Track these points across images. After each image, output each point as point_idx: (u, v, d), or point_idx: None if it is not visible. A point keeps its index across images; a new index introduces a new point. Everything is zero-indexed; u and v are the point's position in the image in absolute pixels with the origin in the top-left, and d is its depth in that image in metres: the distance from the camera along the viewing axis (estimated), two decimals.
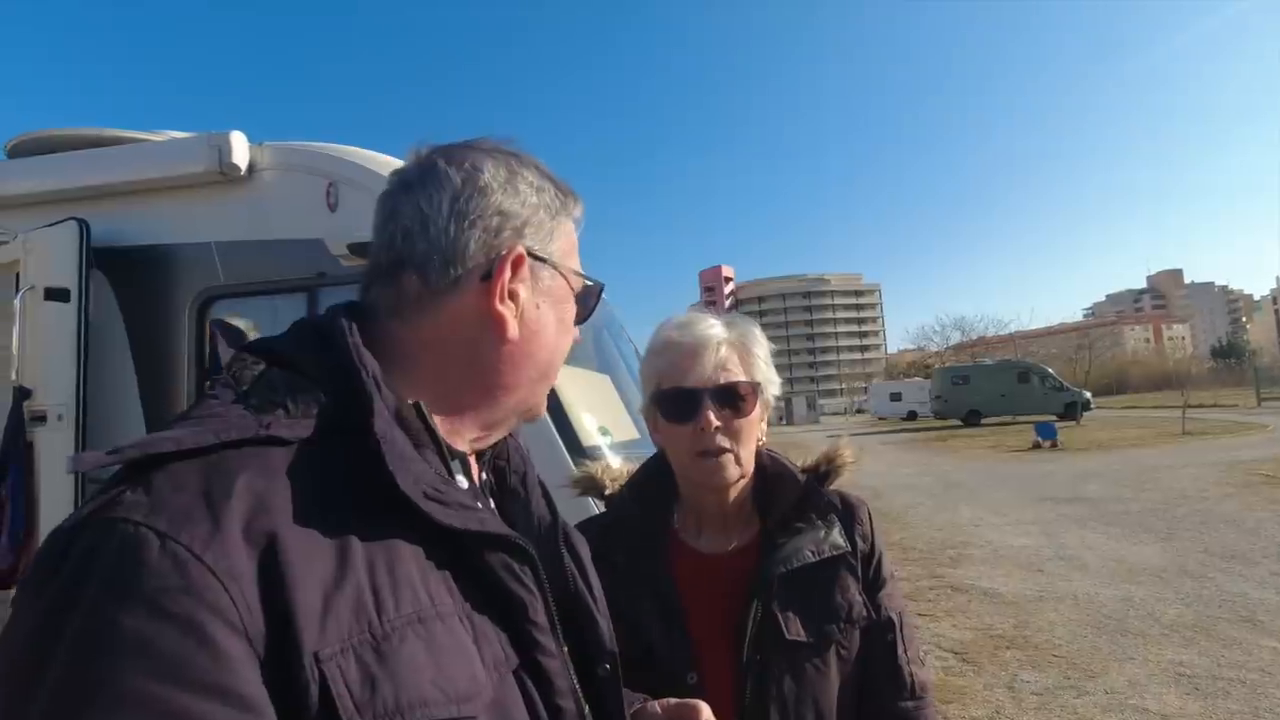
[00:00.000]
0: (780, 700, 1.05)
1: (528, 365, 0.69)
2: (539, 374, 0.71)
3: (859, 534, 1.18)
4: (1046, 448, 18.36)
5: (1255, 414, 25.99)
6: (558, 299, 0.71)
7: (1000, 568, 6.92)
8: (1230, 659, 4.38)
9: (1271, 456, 13.19)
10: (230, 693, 0.43)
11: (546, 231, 0.70)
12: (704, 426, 1.10)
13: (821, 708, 1.07)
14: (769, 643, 1.07)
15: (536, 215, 0.69)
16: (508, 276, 0.65)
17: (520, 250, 0.66)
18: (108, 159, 3.18)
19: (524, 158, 0.71)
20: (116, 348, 3.06)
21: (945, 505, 10.83)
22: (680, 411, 1.12)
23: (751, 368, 1.15)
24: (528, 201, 0.69)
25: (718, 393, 1.11)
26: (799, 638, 1.08)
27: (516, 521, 0.73)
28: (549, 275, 0.70)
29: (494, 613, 0.60)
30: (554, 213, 0.71)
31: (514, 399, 0.70)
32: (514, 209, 0.67)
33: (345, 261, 2.74)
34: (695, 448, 1.11)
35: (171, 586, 0.43)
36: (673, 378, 1.13)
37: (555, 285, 0.71)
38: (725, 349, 1.13)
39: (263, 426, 0.53)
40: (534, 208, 0.69)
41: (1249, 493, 9.84)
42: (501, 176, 0.67)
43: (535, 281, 0.69)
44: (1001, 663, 4.60)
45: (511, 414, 0.71)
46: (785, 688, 1.06)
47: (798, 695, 1.06)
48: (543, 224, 0.69)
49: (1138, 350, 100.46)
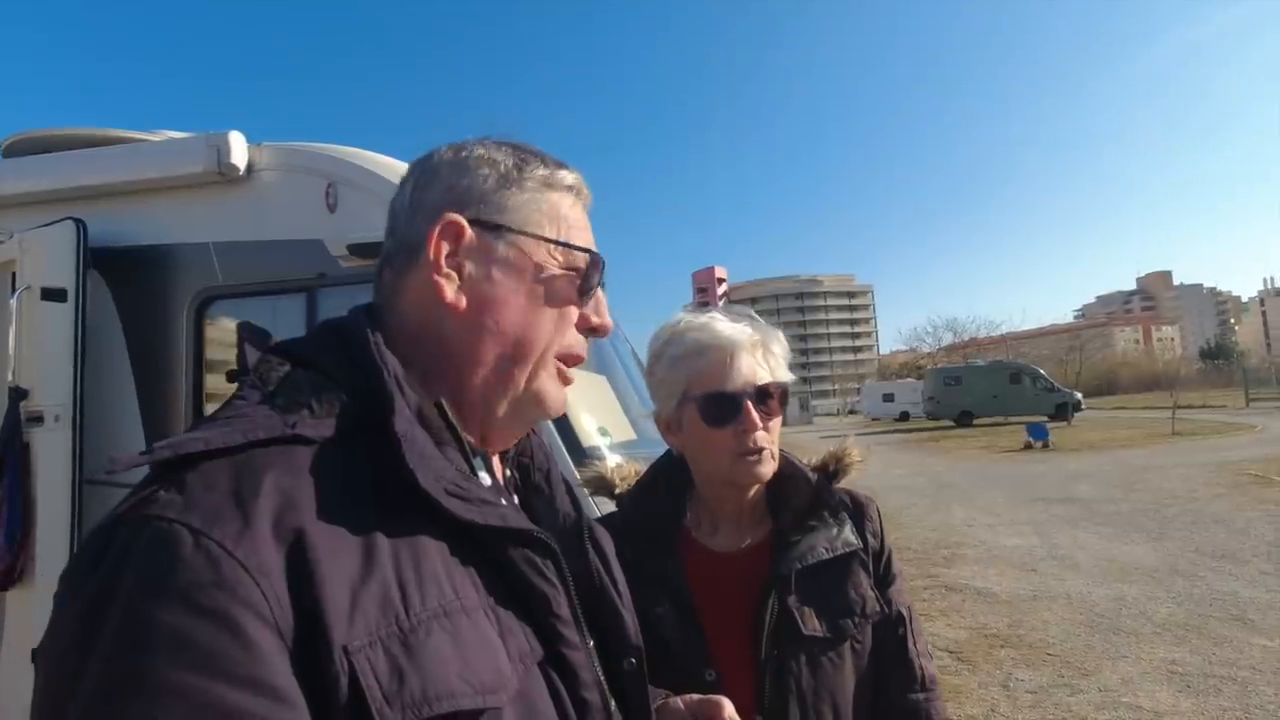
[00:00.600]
0: (799, 694, 1.07)
1: (488, 339, 0.66)
2: (508, 351, 0.67)
3: (869, 531, 1.21)
4: (1038, 448, 18.46)
5: (1243, 414, 26.21)
6: (522, 269, 0.67)
7: (994, 567, 6.97)
8: (1221, 657, 4.42)
9: (1260, 457, 13.30)
10: (263, 684, 0.44)
11: (497, 201, 0.67)
12: (748, 428, 1.13)
13: (838, 701, 1.10)
14: (786, 638, 1.09)
15: (484, 185, 0.68)
16: (445, 247, 0.65)
17: (452, 217, 0.65)
18: (105, 158, 3.16)
19: (488, 139, 0.71)
20: (114, 348, 3.04)
21: (939, 505, 10.89)
22: (722, 414, 1.14)
23: (777, 367, 1.18)
24: (475, 173, 0.68)
25: (758, 394, 1.14)
26: (816, 633, 1.10)
27: (541, 517, 0.74)
28: (505, 244, 0.67)
29: (518, 606, 0.61)
30: (509, 181, 0.68)
31: (482, 378, 0.66)
32: (459, 183, 0.68)
33: (345, 262, 2.73)
34: (739, 449, 1.13)
35: (205, 581, 0.45)
36: (709, 381, 1.14)
37: (514, 254, 0.67)
38: (758, 351, 1.17)
39: (289, 426, 0.55)
40: (482, 179, 0.68)
41: (1238, 493, 9.92)
42: (449, 156, 0.70)
43: (487, 251, 0.67)
44: (996, 661, 4.64)
45: (502, 404, 0.68)
46: (804, 682, 1.08)
47: (815, 689, 1.08)
48: (491, 193, 0.68)
49: (1128, 351, 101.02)
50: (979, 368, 35.22)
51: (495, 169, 0.69)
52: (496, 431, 0.70)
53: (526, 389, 0.69)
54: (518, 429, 0.72)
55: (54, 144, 3.31)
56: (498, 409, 0.68)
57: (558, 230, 0.70)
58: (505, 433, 0.71)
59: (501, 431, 0.70)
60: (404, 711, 0.48)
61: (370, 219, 2.62)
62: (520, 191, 0.69)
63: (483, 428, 0.69)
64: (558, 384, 0.71)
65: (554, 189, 0.71)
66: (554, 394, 0.71)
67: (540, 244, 0.69)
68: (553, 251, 0.69)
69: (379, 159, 2.92)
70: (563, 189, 0.72)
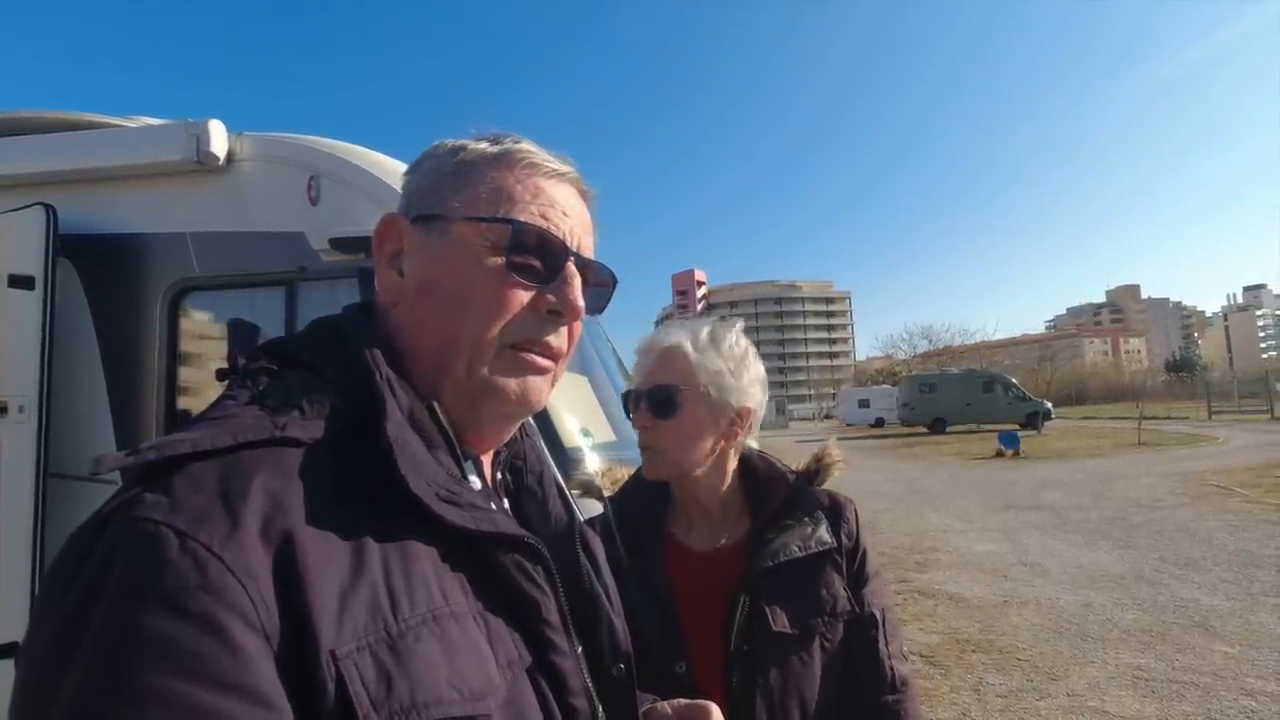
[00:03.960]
0: (766, 690, 1.09)
1: (426, 332, 0.64)
2: (442, 342, 0.63)
3: (845, 531, 1.23)
4: (1009, 456, 18.75)
5: (1206, 426, 26.87)
6: (451, 256, 0.64)
7: (966, 573, 7.06)
8: (1184, 663, 4.52)
9: (1223, 468, 13.63)
10: (248, 689, 0.43)
11: (435, 192, 0.66)
12: (636, 425, 1.22)
13: (806, 697, 1.12)
14: (756, 634, 1.11)
15: (427, 181, 0.68)
16: (386, 249, 0.68)
17: (388, 218, 0.68)
18: (79, 143, 3.07)
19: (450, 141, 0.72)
20: (83, 339, 2.97)
21: (913, 511, 11.01)
22: (628, 409, 1.25)
23: (693, 375, 1.18)
24: (424, 170, 0.69)
25: (648, 394, 1.20)
26: (785, 629, 1.12)
27: (532, 521, 0.73)
28: (436, 235, 0.65)
29: (507, 612, 0.60)
30: (445, 169, 0.67)
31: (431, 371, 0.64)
32: (411, 184, 0.70)
33: (326, 256, 2.69)
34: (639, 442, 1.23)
35: (191, 585, 0.44)
36: (633, 379, 1.27)
37: (445, 242, 0.65)
38: (668, 354, 1.21)
39: (278, 428, 0.54)
40: (427, 172, 0.69)
41: (1201, 502, 10.16)
42: (413, 163, 0.71)
43: (422, 246, 0.66)
44: (968, 666, 4.70)
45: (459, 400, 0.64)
46: (771, 678, 1.10)
47: (783, 685, 1.10)
48: (430, 187, 0.67)
49: (1097, 362, 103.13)
50: (953, 375, 35.67)
51: (442, 161, 0.68)
52: (469, 430, 0.66)
53: (470, 379, 0.64)
54: (487, 425, 0.67)
55: (25, 127, 3.22)
56: (462, 406, 0.65)
57: (499, 209, 0.64)
58: (478, 431, 0.67)
59: (473, 429, 0.66)
60: (391, 718, 0.47)
61: (354, 213, 2.58)
62: (456, 176, 0.66)
63: (465, 427, 0.65)
64: (519, 374, 0.65)
65: (498, 167, 0.66)
66: (512, 385, 0.65)
67: (472, 225, 0.64)
68: (485, 231, 0.64)
69: (363, 153, 2.87)
70: (511, 164, 0.66)
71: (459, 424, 0.65)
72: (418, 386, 0.63)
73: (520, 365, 0.65)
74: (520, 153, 0.67)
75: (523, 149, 0.67)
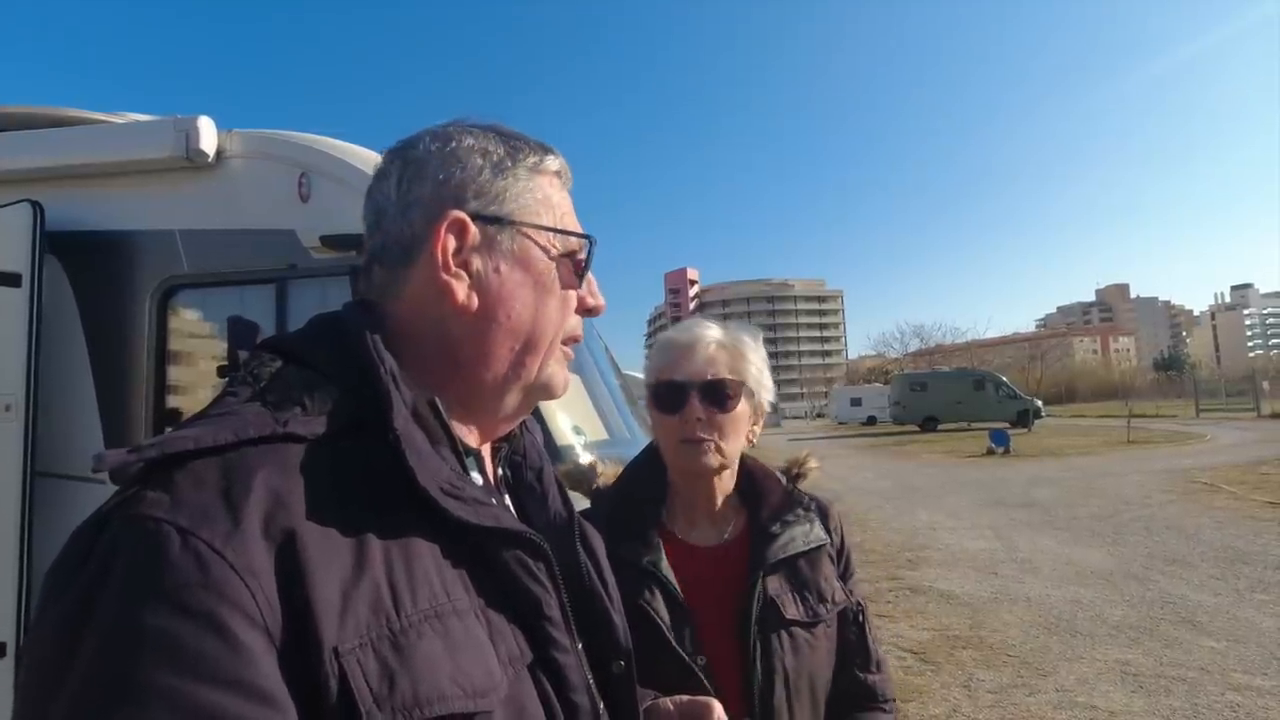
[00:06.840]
0: (784, 674, 1.15)
1: (500, 334, 0.65)
2: (521, 343, 0.66)
3: (833, 529, 1.32)
4: (1000, 454, 18.90)
5: (1194, 424, 27.15)
6: (527, 259, 0.67)
7: (957, 570, 7.10)
8: (1172, 658, 4.57)
9: (1210, 465, 13.77)
10: (251, 687, 0.43)
11: (495, 192, 0.66)
12: (686, 417, 1.20)
13: (815, 680, 1.19)
14: (771, 622, 1.16)
15: (479, 177, 0.66)
16: (450, 244, 0.63)
17: (456, 215, 0.64)
18: (66, 139, 3.04)
19: (470, 124, 0.69)
20: (71, 337, 2.94)
21: (904, 509, 11.07)
22: (669, 403, 1.22)
23: (742, 370, 1.23)
24: (468, 165, 0.66)
25: (704, 387, 1.20)
26: (797, 617, 1.18)
27: (533, 517, 0.73)
28: (509, 237, 0.66)
29: (509, 609, 0.60)
30: (503, 171, 0.67)
31: (494, 373, 0.66)
32: (452, 176, 0.65)
33: (317, 253, 2.67)
34: (680, 436, 1.21)
35: (192, 582, 0.44)
36: (665, 372, 1.23)
37: (519, 245, 0.66)
38: (715, 349, 1.23)
39: (280, 424, 0.53)
40: (476, 169, 0.66)
41: (1189, 500, 10.26)
42: (435, 147, 0.67)
43: (491, 245, 0.65)
44: (958, 662, 4.73)
45: (512, 393, 0.68)
46: (787, 663, 1.16)
47: (796, 669, 1.16)
48: (487, 185, 0.66)
49: (1086, 360, 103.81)
50: (944, 374, 35.90)
51: (488, 159, 0.67)
52: (504, 422, 0.71)
53: (538, 377, 0.69)
54: (523, 415, 0.73)
55: (11, 122, 3.18)
56: (510, 400, 0.69)
57: (552, 216, 0.69)
58: (511, 422, 0.72)
59: (509, 421, 0.71)
60: (394, 714, 0.47)
61: (344, 211, 2.56)
62: (515, 180, 0.67)
63: (492, 419, 0.69)
64: (563, 367, 0.72)
65: (543, 174, 0.70)
66: (560, 377, 0.72)
67: (540, 233, 0.68)
68: (551, 239, 0.69)
69: (355, 150, 2.86)
70: (550, 174, 0.71)
71: (497, 417, 0.69)
72: (418, 383, 0.63)
73: (563, 358, 0.72)
74: (557, 163, 0.72)
75: (560, 160, 0.72)
